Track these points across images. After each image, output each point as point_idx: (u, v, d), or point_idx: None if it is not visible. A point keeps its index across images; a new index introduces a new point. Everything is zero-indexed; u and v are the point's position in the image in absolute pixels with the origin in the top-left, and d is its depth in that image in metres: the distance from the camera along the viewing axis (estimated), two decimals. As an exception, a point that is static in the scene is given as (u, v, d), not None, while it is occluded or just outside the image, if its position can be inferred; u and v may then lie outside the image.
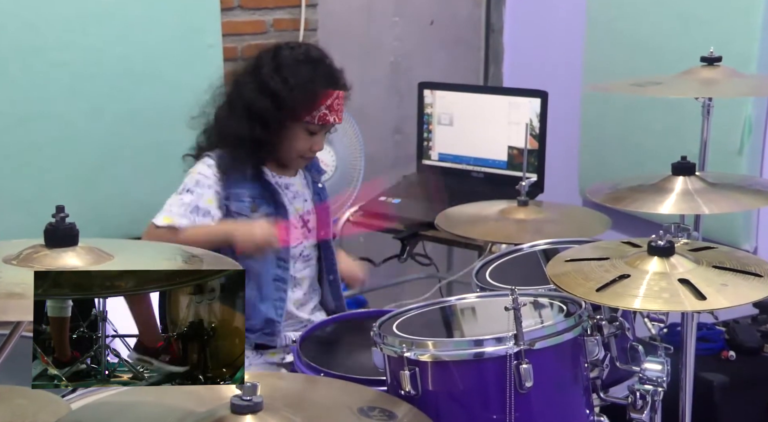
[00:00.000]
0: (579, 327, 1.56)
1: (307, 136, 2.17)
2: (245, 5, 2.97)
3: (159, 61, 2.74)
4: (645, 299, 1.40)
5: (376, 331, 1.66)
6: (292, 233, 2.21)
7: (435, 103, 2.96)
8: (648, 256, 1.50)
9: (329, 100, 2.13)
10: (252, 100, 2.12)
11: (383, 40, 3.37)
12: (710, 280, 1.42)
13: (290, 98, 2.10)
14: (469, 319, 1.77)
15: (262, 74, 2.13)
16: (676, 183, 1.76)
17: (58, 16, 2.56)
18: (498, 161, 2.87)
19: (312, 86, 2.11)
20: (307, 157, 2.23)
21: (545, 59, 3.42)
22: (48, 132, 2.59)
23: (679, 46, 2.75)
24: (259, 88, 2.12)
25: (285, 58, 2.14)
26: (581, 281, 1.49)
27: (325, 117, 2.14)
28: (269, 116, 2.11)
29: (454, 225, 2.20)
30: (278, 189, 2.21)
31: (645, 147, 2.93)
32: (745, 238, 2.65)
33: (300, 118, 2.13)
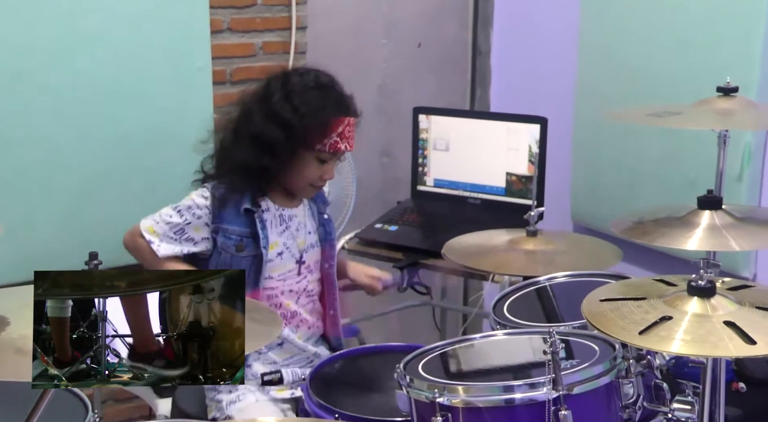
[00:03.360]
0: (615, 369, 1.52)
1: (318, 164, 2.11)
2: (234, 28, 2.90)
3: (148, 84, 2.67)
4: (692, 343, 1.36)
5: (401, 372, 1.60)
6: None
7: (430, 128, 2.91)
8: (688, 296, 1.46)
9: (341, 128, 2.07)
10: (262, 129, 2.05)
11: (371, 62, 3.33)
12: (756, 322, 1.39)
13: (302, 126, 2.04)
14: (493, 358, 1.71)
15: (273, 102, 2.06)
16: (703, 217, 1.73)
17: (46, 39, 2.49)
18: (496, 188, 2.82)
19: (323, 114, 2.05)
20: (317, 185, 2.16)
21: (534, 82, 3.39)
22: (34, 156, 2.52)
23: (675, 71, 2.75)
24: (269, 117, 2.06)
25: (295, 85, 2.08)
26: (620, 322, 1.44)
27: (337, 145, 2.08)
28: (280, 144, 2.05)
29: (463, 257, 2.15)
30: (269, 228, 2.14)
31: (639, 171, 2.91)
32: (744, 265, 2.64)
33: (312, 146, 2.07)
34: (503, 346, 1.72)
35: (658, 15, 2.79)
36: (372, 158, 3.36)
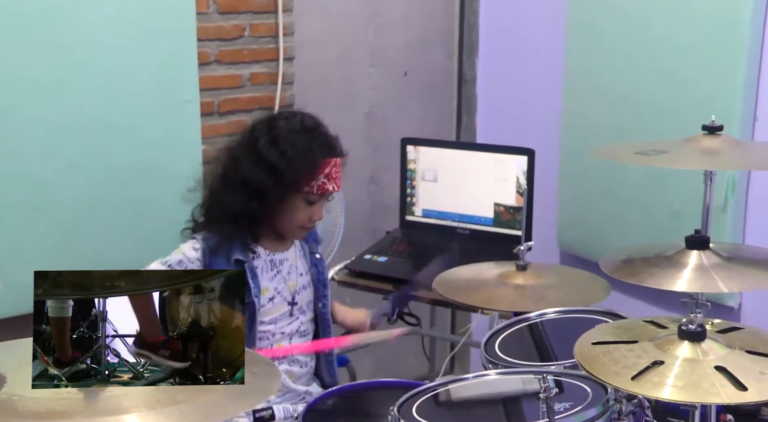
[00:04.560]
0: (608, 412, 1.54)
1: (307, 206, 2.12)
2: (222, 60, 2.91)
3: (135, 116, 2.67)
4: (684, 390, 1.37)
5: (395, 416, 1.61)
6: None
7: (418, 158, 2.93)
8: (678, 340, 1.48)
9: (328, 169, 2.09)
10: (250, 175, 2.07)
11: (359, 91, 3.35)
12: (747, 368, 1.40)
13: (289, 170, 2.05)
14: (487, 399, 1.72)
15: (259, 148, 2.08)
16: (691, 257, 1.75)
17: (33, 73, 2.47)
18: (484, 218, 2.84)
19: (310, 156, 2.07)
20: (307, 227, 2.18)
21: (520, 111, 3.43)
22: (22, 191, 2.50)
23: (659, 102, 2.78)
24: (257, 162, 2.07)
25: (281, 129, 2.09)
26: (613, 367, 1.45)
27: (325, 186, 2.09)
28: (269, 189, 2.06)
29: (453, 292, 2.15)
30: (258, 277, 2.14)
31: (625, 201, 2.95)
32: (729, 296, 2.67)
33: (300, 189, 2.08)
34: (496, 386, 1.73)
35: (642, 47, 2.83)
36: (360, 186, 3.38)
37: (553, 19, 3.18)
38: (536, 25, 3.34)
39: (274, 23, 3.00)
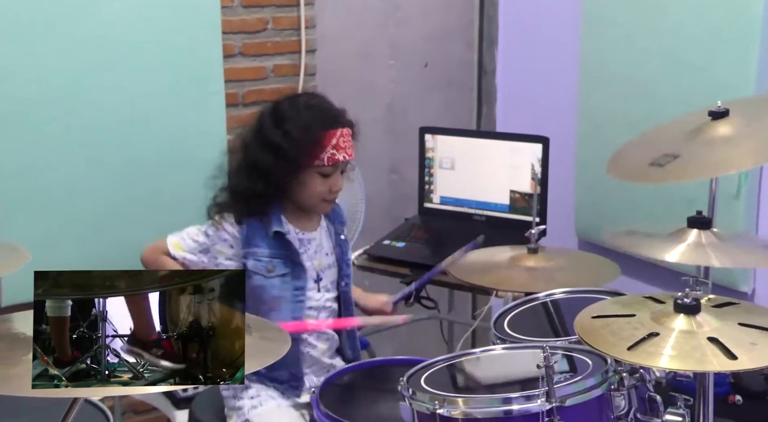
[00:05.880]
0: (606, 382, 1.60)
1: (323, 179, 2.19)
2: (246, 52, 3.00)
3: (162, 109, 2.75)
4: (677, 359, 1.44)
5: (404, 385, 1.68)
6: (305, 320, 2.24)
7: (436, 147, 3.00)
8: (674, 313, 1.54)
9: (334, 140, 2.15)
10: (259, 159, 2.15)
11: (379, 83, 3.42)
12: (739, 339, 1.46)
13: (293, 148, 2.12)
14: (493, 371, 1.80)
15: (264, 131, 2.16)
16: (690, 235, 1.80)
17: (61, 67, 2.57)
18: (500, 205, 2.91)
19: (313, 131, 2.13)
20: (329, 199, 2.24)
21: (539, 101, 3.48)
22: (49, 183, 2.59)
23: (673, 90, 2.82)
24: (263, 146, 2.15)
25: (284, 112, 2.17)
26: (611, 338, 1.52)
27: (334, 157, 2.16)
28: (278, 170, 2.14)
29: (466, 273, 2.23)
30: (298, 250, 2.22)
31: (640, 189, 2.98)
32: (743, 281, 2.70)
33: (310, 164, 2.15)
34: (503, 360, 1.81)
35: (656, 36, 2.87)
36: (381, 175, 3.45)
37: (570, 11, 3.23)
38: (553, 17, 3.39)
39: (297, 16, 3.08)
